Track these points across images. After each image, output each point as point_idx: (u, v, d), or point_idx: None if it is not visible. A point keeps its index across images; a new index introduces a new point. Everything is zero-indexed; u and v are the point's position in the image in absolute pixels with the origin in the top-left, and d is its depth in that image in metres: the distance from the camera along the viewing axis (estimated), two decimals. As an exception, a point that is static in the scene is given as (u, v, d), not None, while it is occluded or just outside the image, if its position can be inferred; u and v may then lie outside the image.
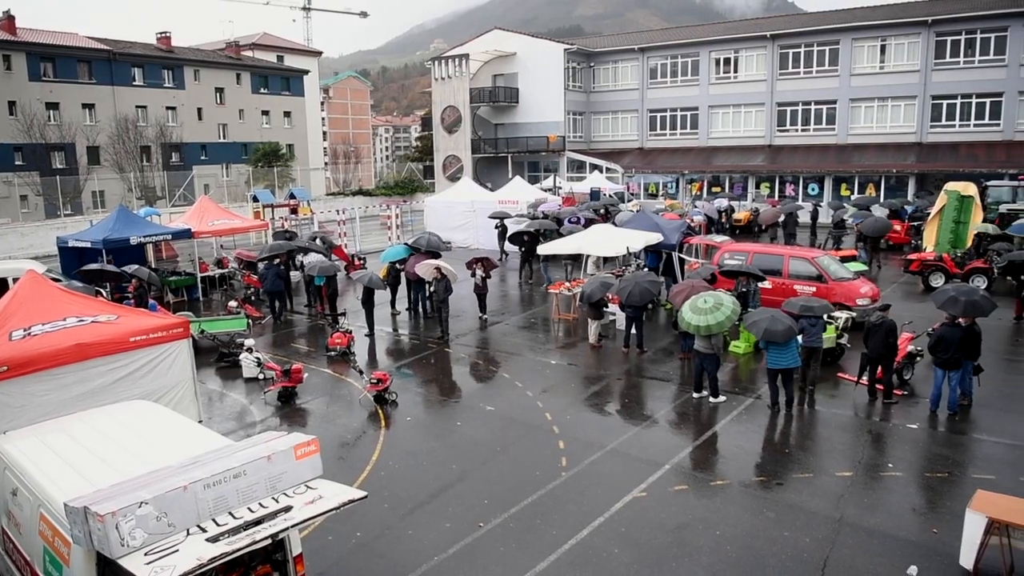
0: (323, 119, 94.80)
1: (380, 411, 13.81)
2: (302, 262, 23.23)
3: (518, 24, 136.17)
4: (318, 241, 26.59)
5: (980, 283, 21.52)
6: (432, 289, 19.24)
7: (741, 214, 37.68)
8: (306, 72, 70.83)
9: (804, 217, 35.27)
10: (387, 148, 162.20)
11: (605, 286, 17.70)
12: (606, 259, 22.02)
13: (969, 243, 23.56)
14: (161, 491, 5.83)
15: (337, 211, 34.11)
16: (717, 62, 50.03)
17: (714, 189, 47.60)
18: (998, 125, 41.38)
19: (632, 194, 47.49)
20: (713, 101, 50.12)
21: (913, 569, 8.42)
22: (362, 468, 11.39)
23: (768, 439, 12.43)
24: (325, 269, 20.64)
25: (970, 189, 23.60)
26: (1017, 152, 39.66)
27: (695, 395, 14.19)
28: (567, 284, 21.06)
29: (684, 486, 10.58)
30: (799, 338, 13.29)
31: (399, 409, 13.97)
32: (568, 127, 53.08)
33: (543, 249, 22.72)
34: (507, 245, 29.08)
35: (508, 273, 27.53)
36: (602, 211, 32.89)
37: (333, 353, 17.27)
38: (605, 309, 18.49)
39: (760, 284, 18.09)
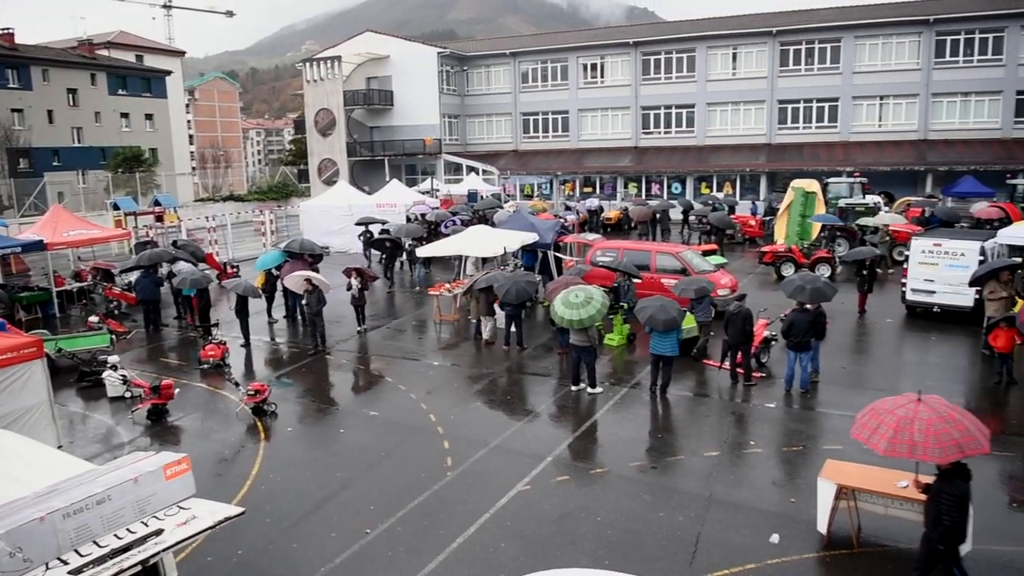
0: (189, 122, 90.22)
1: (259, 423, 13.46)
2: (171, 271, 22.11)
3: (391, 27, 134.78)
4: (180, 249, 25.36)
5: (825, 272, 23.52)
6: (304, 302, 18.61)
7: (611, 213, 39.18)
8: (168, 73, 67.16)
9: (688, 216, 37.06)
10: (259, 152, 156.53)
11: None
12: (485, 260, 22.36)
13: (814, 235, 25.61)
14: (15, 524, 5.44)
15: (207, 218, 32.69)
16: (585, 67, 51.71)
17: (586, 189, 49.21)
18: (836, 127, 45.18)
19: (508, 195, 48.28)
20: (582, 105, 51.76)
21: (775, 537, 9.14)
22: (241, 483, 11.09)
23: (642, 426, 13.09)
24: (196, 282, 19.47)
25: (814, 186, 25.67)
26: (853, 152, 43.47)
27: (573, 388, 14.73)
28: (447, 285, 21.23)
29: (566, 477, 10.99)
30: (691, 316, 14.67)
31: (279, 420, 13.66)
32: (444, 130, 53.26)
33: (423, 251, 22.83)
34: (371, 252, 28.43)
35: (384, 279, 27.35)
36: (480, 212, 33.29)
37: (206, 366, 16.62)
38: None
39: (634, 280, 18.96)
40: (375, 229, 29.04)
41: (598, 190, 48.70)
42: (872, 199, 31.21)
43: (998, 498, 10.11)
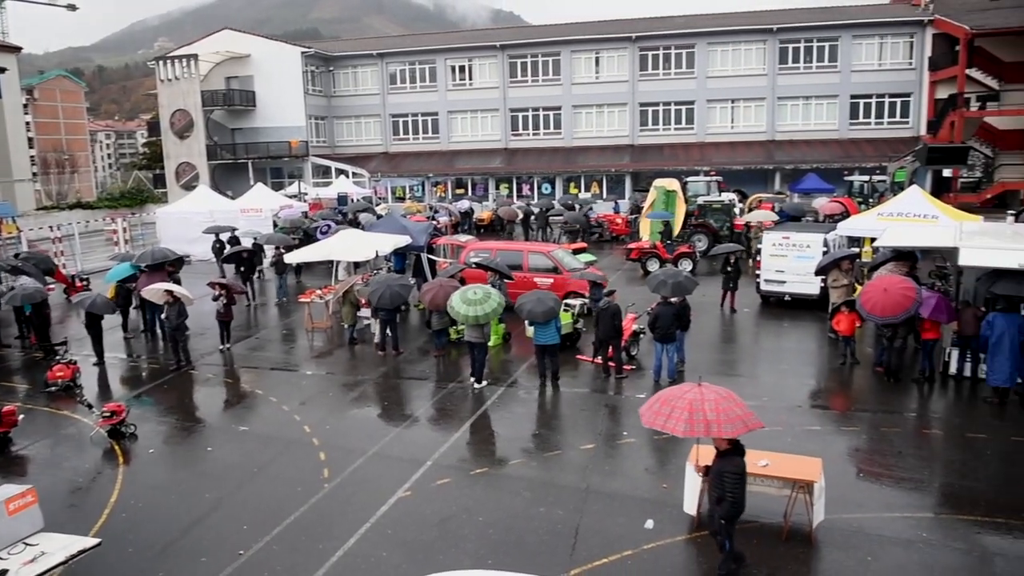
0: (28, 124, 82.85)
1: (116, 447, 12.58)
2: (12, 286, 20.16)
3: (251, 25, 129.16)
4: (25, 262, 23.25)
5: (687, 266, 24.76)
6: (164, 315, 17.22)
7: (484, 214, 39.50)
8: (3, 70, 61.39)
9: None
10: (110, 155, 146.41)
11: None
12: (357, 264, 21.94)
13: (677, 231, 26.89)
14: None
15: (51, 227, 30.22)
16: (454, 69, 51.82)
17: (458, 191, 49.36)
18: (693, 129, 47.70)
19: (380, 198, 47.65)
20: (452, 107, 51.84)
21: (650, 523, 9.51)
22: (99, 513, 10.32)
23: (520, 423, 13.27)
24: (28, 296, 17.77)
25: (674, 185, 26.96)
26: (709, 152, 46.02)
27: (476, 385, 14.90)
28: (318, 292, 20.66)
29: (447, 479, 10.96)
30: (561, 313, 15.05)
31: (139, 442, 12.83)
32: (311, 132, 51.78)
33: (292, 257, 22.11)
34: (226, 266, 26.15)
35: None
36: (351, 216, 32.65)
37: (54, 388, 15.35)
38: (359, 314, 18.51)
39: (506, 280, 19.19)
40: (231, 239, 27.42)
41: (470, 191, 48.99)
42: (727, 196, 33.07)
43: (847, 470, 10.96)
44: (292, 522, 9.85)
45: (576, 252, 23.69)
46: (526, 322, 16.67)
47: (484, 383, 14.93)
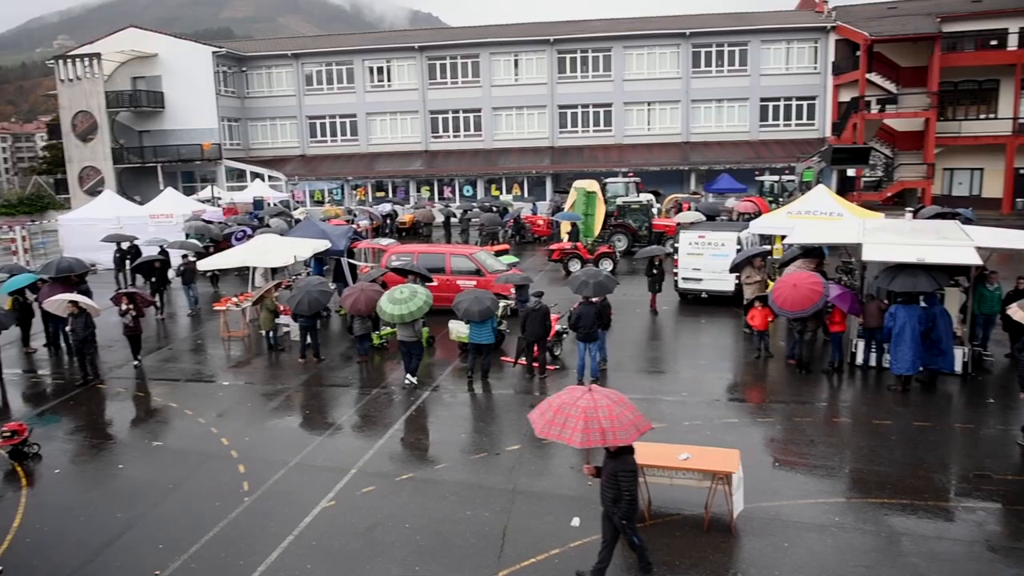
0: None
1: (18, 468, 11.87)
2: None
3: (158, 23, 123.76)
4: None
5: (608, 266, 25.18)
6: (70, 328, 16.31)
7: (406, 217, 39.18)
8: None
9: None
10: (7, 160, 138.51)
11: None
12: (275, 270, 21.33)
13: (597, 232, 27.29)
14: None
15: (-64, 238, 28.29)
16: (372, 70, 51.19)
17: (378, 194, 48.77)
18: (611, 131, 48.59)
19: (298, 202, 46.61)
20: (371, 108, 51.18)
21: (576, 520, 9.60)
22: (1, 539, 9.71)
23: (446, 427, 13.20)
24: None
25: (594, 186, 27.37)
26: (628, 153, 46.96)
27: (407, 381, 15.08)
28: (234, 299, 20.02)
29: (372, 487, 10.79)
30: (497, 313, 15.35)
31: (44, 462, 12.14)
32: (224, 134, 50.18)
33: (205, 264, 21.34)
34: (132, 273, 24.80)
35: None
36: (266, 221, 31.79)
37: (-55, 409, 14.37)
38: (277, 321, 18.05)
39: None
40: (131, 248, 25.81)
41: (391, 194, 48.47)
42: (645, 197, 33.82)
43: (764, 460, 11.34)
44: (211, 538, 9.50)
45: (498, 254, 23.74)
46: (449, 324, 16.68)
47: (415, 379, 15.11)
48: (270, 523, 9.83)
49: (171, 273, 23.38)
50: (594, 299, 14.82)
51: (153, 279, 22.28)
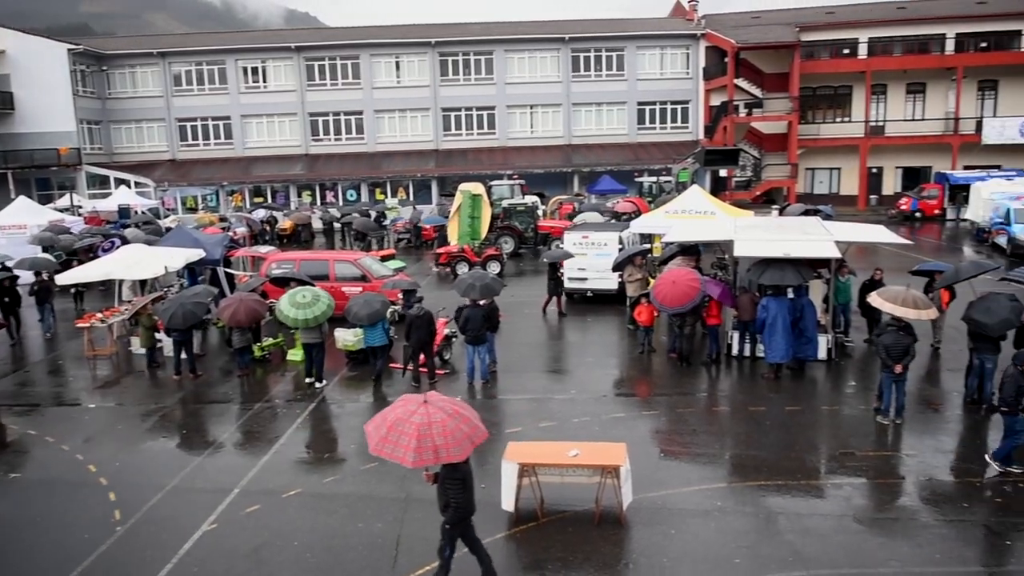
0: None
1: None
2: None
3: (5, 18, 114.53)
4: None
5: (495, 268, 25.33)
6: None
7: (286, 223, 37.97)
8: None
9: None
10: None
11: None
12: (143, 282, 20.04)
13: (483, 235, 27.37)
14: None
15: None
16: (245, 71, 49.28)
17: (256, 199, 46.97)
18: (495, 134, 48.98)
19: (169, 209, 44.25)
20: (246, 110, 49.26)
21: (470, 524, 9.56)
22: None
23: (333, 439, 12.85)
24: None
25: (479, 188, 27.43)
26: (511, 156, 47.45)
27: (317, 384, 15.21)
28: (99, 315, 18.70)
29: (257, 506, 10.33)
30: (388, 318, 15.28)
31: None
32: (83, 138, 46.82)
33: (64, 278, 19.78)
34: None
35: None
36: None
37: None
38: (156, 334, 17.03)
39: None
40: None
41: (270, 200, 46.80)
42: (530, 199, 34.28)
43: (650, 452, 11.68)
44: (80, 574, 8.81)
45: (384, 259, 23.40)
46: (336, 333, 16.27)
47: (325, 382, 15.26)
48: (146, 552, 9.22)
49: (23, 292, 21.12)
50: (482, 301, 14.84)
51: (6, 299, 20.10)
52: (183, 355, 16.17)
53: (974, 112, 44.60)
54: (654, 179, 40.42)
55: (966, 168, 41.58)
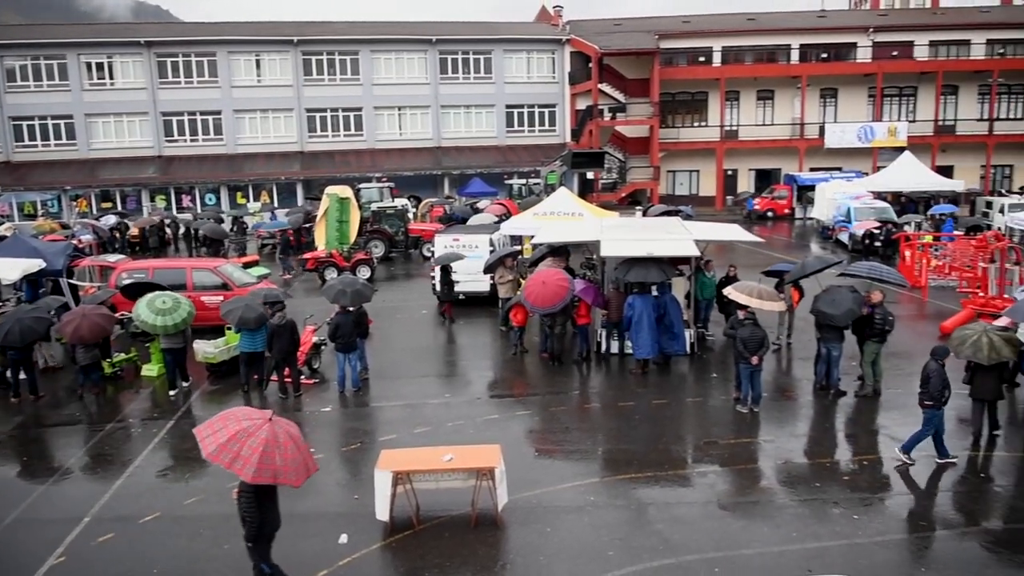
0: None
1: None
2: None
3: None
4: None
5: (365, 273, 24.87)
6: None
7: (134, 229, 35.58)
8: None
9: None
10: None
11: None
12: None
13: (352, 239, 26.77)
14: None
15: None
16: (89, 66, 45.77)
17: (104, 205, 43.75)
18: (362, 135, 48.03)
19: (3, 216, 40.44)
20: (90, 109, 45.71)
21: (344, 537, 9.26)
22: None
23: (194, 457, 12.04)
24: None
25: (347, 192, 26.77)
26: (380, 158, 46.72)
27: (184, 384, 14.93)
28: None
29: (111, 534, 9.57)
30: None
31: None
32: None
33: None
34: None
35: None
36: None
37: None
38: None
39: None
40: None
41: (119, 205, 43.73)
42: (400, 202, 33.90)
43: (524, 452, 11.78)
44: None
45: (247, 266, 22.40)
46: (195, 345, 15.41)
47: (187, 383, 15.08)
48: (-23, 595, 8.34)
49: None
50: (351, 308, 14.47)
51: None
52: (22, 375, 14.76)
53: (817, 118, 48.20)
54: (523, 181, 41.03)
55: (812, 170, 44.85)
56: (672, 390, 14.57)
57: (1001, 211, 31.28)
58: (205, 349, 15.54)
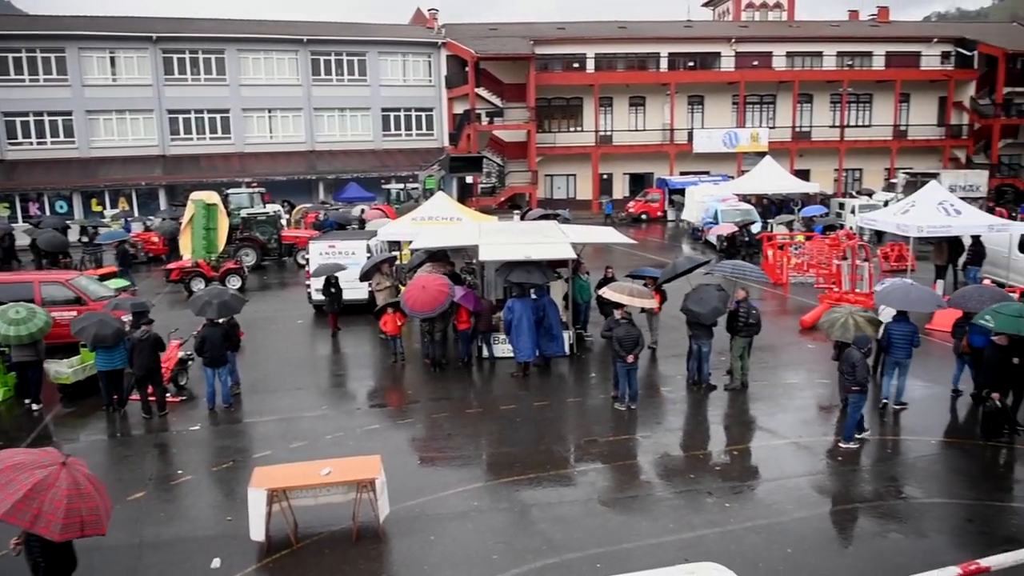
0: None
1: None
2: None
3: None
4: None
5: (236, 283, 23.80)
6: None
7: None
8: None
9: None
10: None
11: None
12: None
13: (221, 247, 25.52)
14: None
15: None
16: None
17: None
18: (230, 139, 45.84)
19: None
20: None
21: (216, 562, 8.78)
22: None
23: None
24: None
25: (213, 197, 25.47)
26: (249, 163, 44.79)
27: (34, 407, 14.01)
28: None
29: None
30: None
31: None
32: None
33: None
34: None
35: None
36: None
37: None
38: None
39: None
40: None
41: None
42: (272, 208, 32.69)
43: (407, 461, 11.57)
44: None
45: (103, 278, 20.89)
46: (46, 365, 14.18)
47: (42, 404, 14.08)
48: None
49: None
50: (220, 320, 13.75)
51: None
52: None
53: (686, 124, 50.40)
54: (401, 186, 40.56)
55: (682, 174, 46.86)
56: (553, 391, 14.75)
57: (852, 212, 33.70)
58: (58, 369, 14.36)
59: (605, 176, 50.13)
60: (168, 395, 13.97)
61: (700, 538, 9.11)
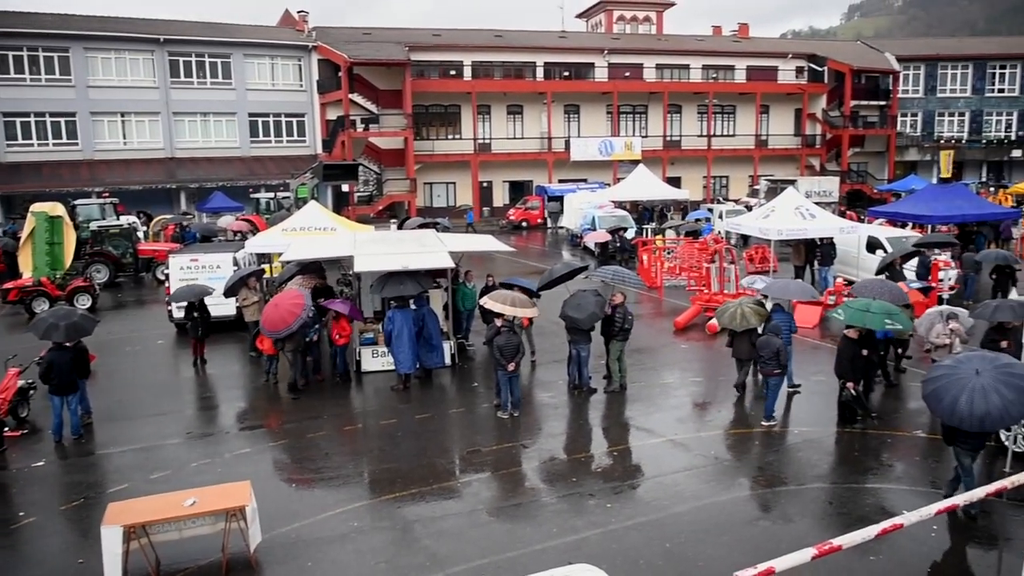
0: None
1: None
2: None
3: None
4: None
5: (86, 302, 22.00)
6: None
7: None
8: None
9: None
10: None
11: None
12: None
13: (67, 264, 23.50)
14: None
15: None
16: None
17: None
18: (78, 145, 42.39)
19: None
20: None
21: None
22: None
23: None
24: None
25: (58, 209, 23.42)
26: (100, 171, 41.52)
27: None
28: None
29: None
30: None
31: None
32: None
33: None
34: None
35: None
36: None
37: None
38: None
39: None
40: None
41: None
42: (127, 220, 30.53)
43: (280, 485, 10.99)
44: None
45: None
46: None
47: None
48: None
49: None
50: (67, 343, 12.55)
51: None
52: None
53: (563, 132, 51.33)
54: (271, 195, 38.95)
55: (560, 182, 47.69)
56: (434, 403, 14.47)
57: (720, 217, 35.39)
58: None
59: (485, 184, 50.26)
60: (6, 429, 12.60)
61: (583, 540, 9.12)
